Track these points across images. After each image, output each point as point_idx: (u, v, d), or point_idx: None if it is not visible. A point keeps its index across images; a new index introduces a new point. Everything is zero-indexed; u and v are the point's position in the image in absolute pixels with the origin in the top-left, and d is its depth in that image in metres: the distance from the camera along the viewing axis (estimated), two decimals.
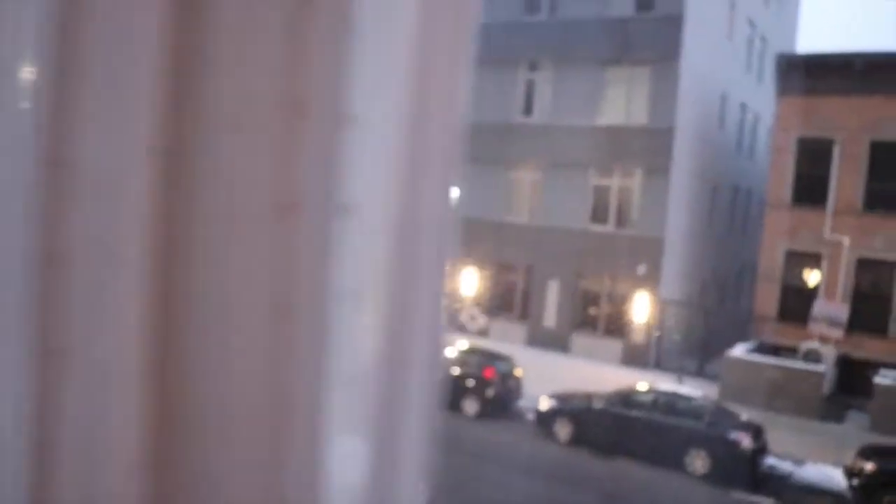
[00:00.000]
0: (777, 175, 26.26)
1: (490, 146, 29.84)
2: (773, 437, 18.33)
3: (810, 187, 25.55)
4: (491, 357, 20.93)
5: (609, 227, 27.90)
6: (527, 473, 16.23)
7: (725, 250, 32.46)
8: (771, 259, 26.27)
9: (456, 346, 21.39)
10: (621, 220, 27.83)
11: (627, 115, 27.68)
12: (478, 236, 30.10)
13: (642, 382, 19.89)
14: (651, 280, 26.72)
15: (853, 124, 24.82)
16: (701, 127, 29.03)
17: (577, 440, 18.14)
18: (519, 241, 29.41)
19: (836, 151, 25.06)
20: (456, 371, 20.24)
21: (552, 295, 28.83)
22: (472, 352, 21.11)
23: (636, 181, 27.46)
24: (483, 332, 29.93)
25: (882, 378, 21.92)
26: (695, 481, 16.62)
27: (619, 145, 27.36)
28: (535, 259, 29.09)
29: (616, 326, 27.73)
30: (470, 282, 30.19)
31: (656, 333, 26.77)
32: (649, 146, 26.85)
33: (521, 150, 29.47)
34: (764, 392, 22.73)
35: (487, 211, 30.00)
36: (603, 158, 27.78)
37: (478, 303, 30.30)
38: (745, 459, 16.71)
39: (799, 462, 18.09)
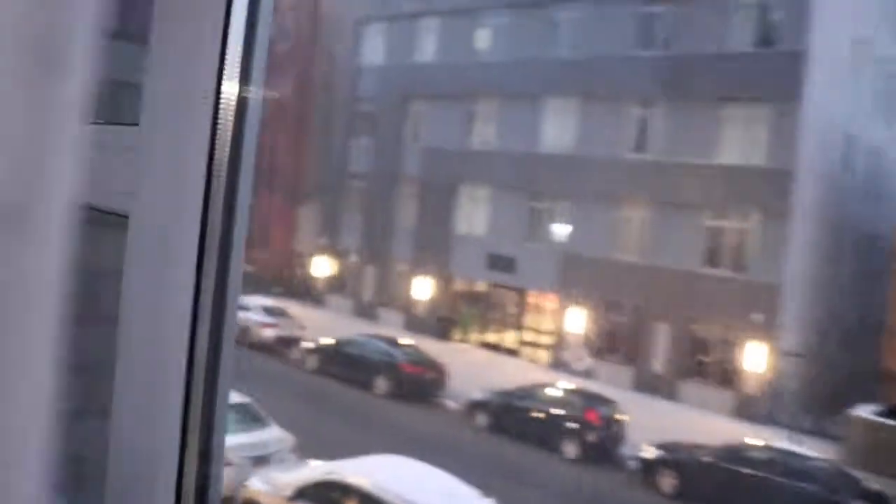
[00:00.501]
0: None
1: (601, 181, 29.20)
2: None
3: None
4: (595, 399, 20.24)
5: (723, 271, 26.70)
6: None
7: (850, 300, 30.59)
8: None
9: (559, 386, 20.79)
10: (736, 264, 26.60)
11: (745, 154, 26.55)
12: (586, 273, 29.39)
13: (754, 438, 18.73)
14: (767, 329, 25.35)
15: None
16: (824, 169, 27.55)
17: (681, 494, 17.20)
18: (627, 281, 28.50)
19: None
20: (558, 411, 19.62)
21: (660, 338, 27.73)
22: (575, 392, 20.46)
23: (753, 224, 26.25)
24: (588, 374, 29.08)
25: None
26: None
27: (736, 186, 26.24)
28: (644, 300, 28.10)
29: (727, 376, 26.39)
30: (576, 320, 29.41)
31: (771, 386, 25.31)
32: (768, 188, 25.63)
33: (631, 187, 28.65)
34: (892, 459, 21.04)
35: (597, 248, 29.29)
36: (718, 199, 26.72)
37: (584, 342, 29.49)
38: None
39: None
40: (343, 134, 38.91)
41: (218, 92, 1.74)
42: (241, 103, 1.79)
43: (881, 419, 22.16)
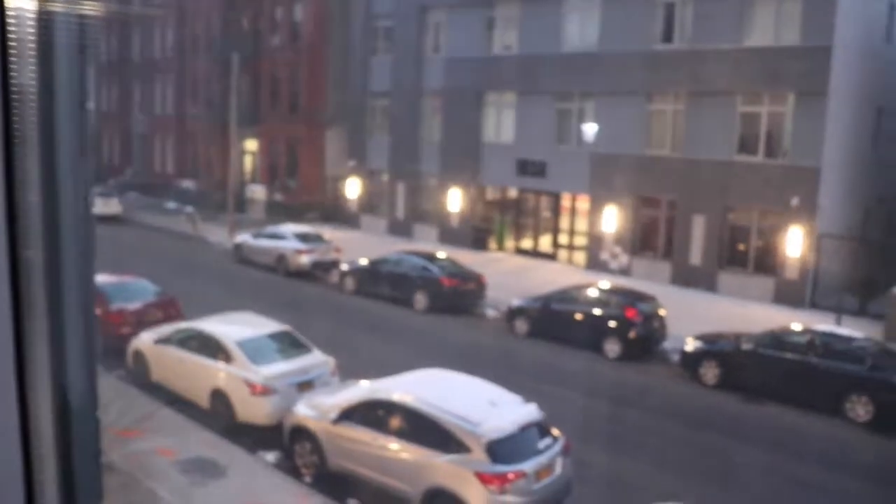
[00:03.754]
0: None
1: (628, 76, 28.55)
2: None
3: None
4: (633, 297, 20.17)
5: (758, 158, 26.16)
6: (672, 418, 15.60)
7: (892, 178, 29.95)
8: None
9: (597, 286, 20.79)
10: (772, 150, 26.02)
11: (777, 34, 25.64)
12: (618, 171, 29.04)
13: (796, 322, 18.66)
14: (806, 212, 24.95)
15: None
16: (864, 42, 26.58)
17: (724, 383, 17.27)
18: (661, 175, 28.14)
19: None
20: (597, 311, 19.69)
21: (697, 231, 27.47)
22: (613, 291, 20.45)
23: (788, 107, 25.52)
24: (625, 271, 29.07)
25: None
26: (856, 429, 15.48)
27: (769, 68, 25.46)
28: (679, 193, 27.76)
29: (767, 263, 26.17)
30: (610, 219, 29.24)
31: (812, 270, 25.07)
32: (803, 68, 24.82)
33: (661, 80, 27.97)
34: None
35: (627, 144, 28.86)
36: (751, 84, 25.98)
37: (619, 241, 29.36)
38: None
39: None
40: (362, 52, 38.35)
41: None
42: None
43: None
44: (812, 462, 13.77)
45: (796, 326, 17.70)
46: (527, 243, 33.11)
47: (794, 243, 24.95)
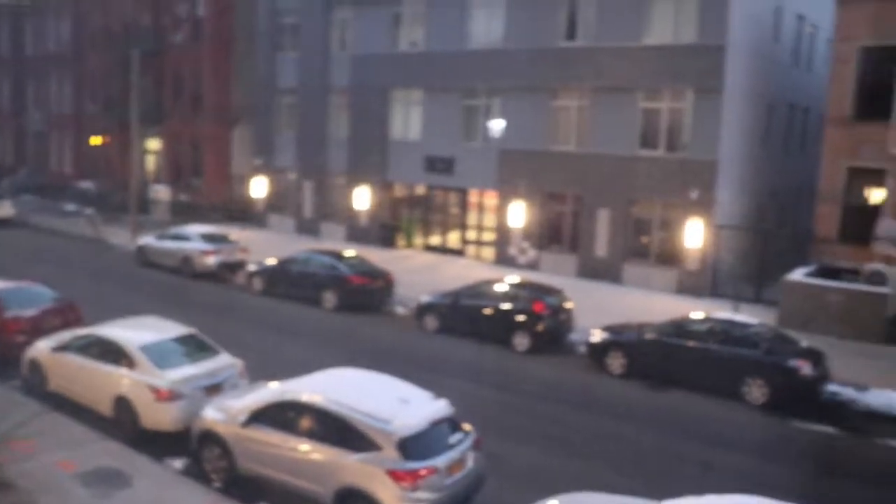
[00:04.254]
0: (837, 88, 24.96)
1: (533, 73, 28.99)
2: (835, 363, 17.68)
3: (874, 100, 24.24)
4: (541, 290, 20.49)
5: (660, 152, 26.93)
6: (581, 408, 15.92)
7: (783, 171, 31.25)
8: (831, 177, 25.14)
9: (505, 281, 21.04)
10: (672, 144, 26.82)
11: (676, 33, 26.43)
12: (525, 167, 29.46)
13: (697, 311, 19.29)
14: (705, 205, 25.83)
15: None
16: (754, 42, 27.65)
17: (630, 372, 17.76)
18: (567, 171, 28.67)
19: None
20: (506, 306, 19.93)
21: (602, 224, 28.11)
22: (521, 286, 20.72)
23: (687, 103, 26.35)
24: (533, 265, 29.52)
25: None
26: (753, 411, 16.13)
27: (668, 65, 26.25)
28: (584, 188, 28.36)
29: (669, 254, 26.99)
30: (518, 214, 29.63)
31: (711, 260, 25.99)
32: (700, 65, 25.67)
33: (565, 76, 28.50)
34: (825, 317, 21.95)
35: (533, 140, 29.31)
36: (651, 80, 26.72)
37: (527, 235, 29.79)
38: (806, 387, 16.14)
39: (862, 388, 17.41)
40: (267, 49, 37.78)
41: None
42: None
43: (812, 280, 23.00)
44: (713, 444, 14.27)
45: (697, 315, 18.29)
46: (435, 240, 33.26)
47: (695, 235, 25.80)
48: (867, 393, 17.21)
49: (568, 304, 20.47)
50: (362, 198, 34.29)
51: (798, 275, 23.31)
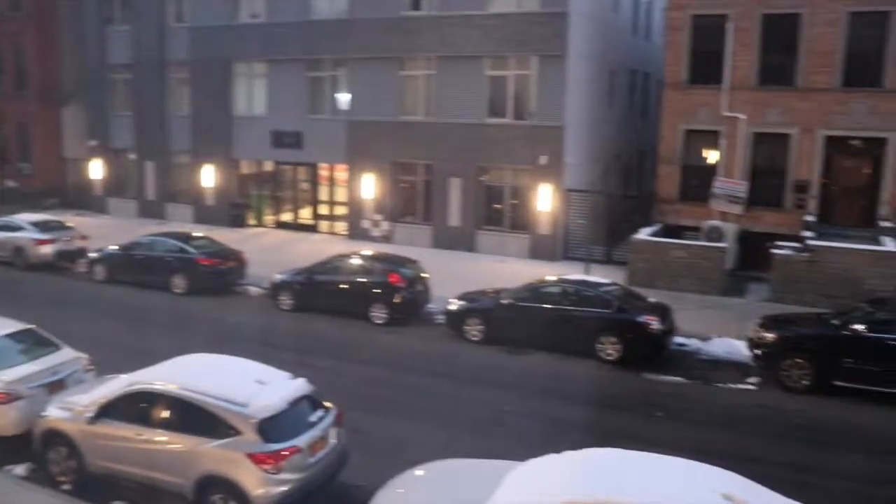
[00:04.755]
0: (673, 55, 25.99)
1: (379, 43, 28.68)
2: (681, 317, 18.54)
3: (706, 65, 25.40)
4: (396, 262, 20.41)
5: (507, 119, 27.30)
6: (442, 377, 15.98)
7: (627, 135, 32.39)
8: (671, 140, 26.24)
9: (359, 254, 20.82)
10: (519, 111, 27.23)
11: (519, 1, 26.76)
12: (374, 138, 29.21)
13: (550, 274, 19.72)
14: (553, 170, 26.43)
15: None
16: (595, 10, 28.37)
17: (489, 338, 17.98)
18: (417, 141, 28.63)
19: (730, 27, 24.85)
20: (361, 279, 19.74)
21: (454, 193, 28.30)
22: (376, 258, 20.56)
23: (532, 69, 26.78)
24: (387, 238, 29.42)
25: (779, 250, 22.36)
26: (608, 366, 16.70)
27: (512, 33, 26.56)
28: (435, 158, 28.42)
29: (521, 220, 27.51)
30: (369, 187, 29.39)
31: (562, 224, 26.68)
32: (543, 32, 26.11)
33: (412, 46, 28.34)
34: (669, 273, 23.00)
35: (382, 111, 29.06)
36: (496, 48, 26.97)
37: (379, 208, 29.62)
38: (655, 341, 16.83)
39: (706, 338, 18.36)
40: (96, 22, 35.61)
41: None
42: None
43: (656, 239, 24.03)
44: (572, 401, 14.66)
45: (550, 278, 18.70)
46: (287, 216, 32.58)
47: (545, 200, 26.37)
48: (710, 342, 18.16)
49: (424, 275, 20.50)
50: (208, 177, 33.10)
51: (644, 234, 24.29)
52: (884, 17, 23.46)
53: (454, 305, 18.64)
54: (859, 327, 15.34)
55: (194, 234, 24.45)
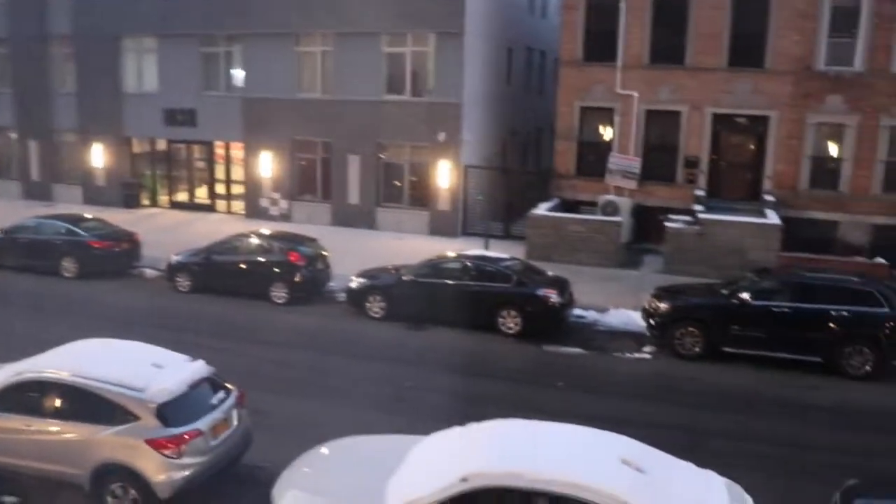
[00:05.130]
0: (569, 33, 26.39)
1: (274, 18, 28.10)
2: (579, 289, 18.97)
3: (601, 44, 25.91)
4: (295, 241, 20.19)
5: (406, 96, 27.22)
6: (344, 354, 15.94)
7: (524, 111, 32.76)
8: (567, 116, 26.70)
9: (258, 233, 20.48)
10: (417, 88, 27.19)
11: None
12: (271, 116, 28.69)
13: (450, 250, 19.85)
14: (452, 146, 26.55)
15: None
16: None
17: (390, 315, 18.03)
18: (315, 118, 28.25)
19: (623, 6, 25.38)
20: (260, 259, 19.45)
21: (353, 171, 28.10)
22: (275, 237, 20.28)
23: (430, 46, 26.74)
24: (286, 216, 29.03)
25: (671, 223, 23.14)
26: (509, 340, 16.99)
27: (410, 9, 26.42)
28: (333, 135, 28.12)
29: (421, 197, 27.57)
30: (267, 165, 28.88)
31: (461, 200, 26.85)
32: (440, 9, 26.07)
33: (308, 21, 27.87)
34: (567, 247, 23.50)
35: (279, 88, 28.52)
36: (394, 24, 26.79)
37: (278, 186, 29.17)
38: (554, 313, 17.20)
39: (603, 310, 18.88)
40: None
41: None
42: None
43: (554, 213, 24.52)
44: (475, 375, 14.87)
45: (450, 254, 18.84)
46: (182, 196, 31.72)
47: (444, 176, 26.49)
48: (607, 314, 18.69)
49: (324, 253, 20.36)
50: (98, 156, 31.88)
51: (541, 210, 24.72)
52: (765, 1, 24.42)
53: (355, 283, 18.59)
54: (745, 296, 16.07)
55: (85, 215, 23.56)
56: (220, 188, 30.88)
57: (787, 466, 11.61)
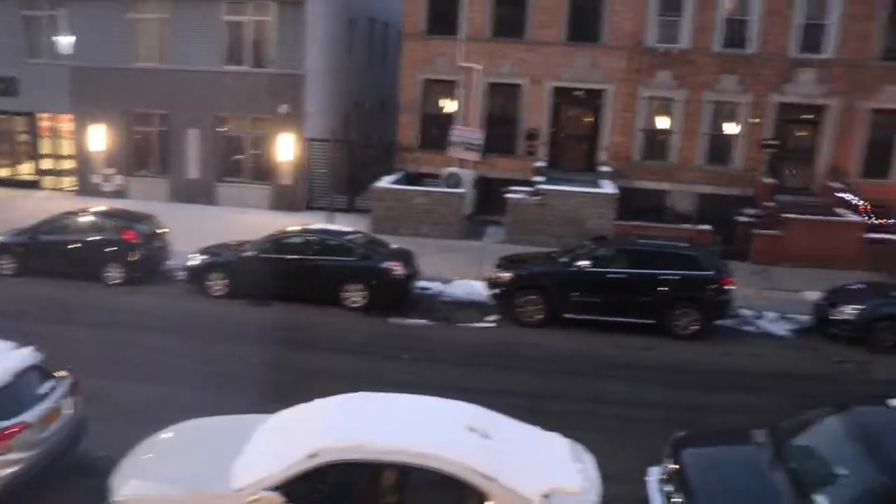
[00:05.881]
0: (411, 5, 26.39)
1: None
2: (423, 261, 19.16)
3: (444, 16, 26.11)
4: (131, 218, 19.31)
5: (246, 67, 26.43)
6: (185, 335, 15.43)
7: (367, 84, 32.55)
8: (410, 89, 26.76)
9: (90, 211, 19.43)
10: (258, 59, 26.46)
11: None
12: (104, 86, 27.17)
13: (293, 225, 19.53)
14: (294, 119, 26.06)
15: None
16: None
17: (233, 292, 17.60)
18: (151, 89, 26.96)
19: None
20: (93, 238, 18.47)
21: (193, 144, 27.09)
22: (108, 215, 19.31)
23: (271, 16, 26.04)
24: (122, 193, 27.70)
25: (512, 194, 23.72)
26: (354, 314, 16.97)
27: None
28: (171, 107, 26.97)
29: (263, 171, 26.95)
30: (99, 138, 27.34)
31: (304, 173, 26.46)
32: None
33: None
34: (412, 219, 23.65)
35: (112, 57, 27.01)
36: None
37: (112, 161, 27.74)
38: (399, 286, 17.33)
39: (447, 281, 19.17)
40: None
41: None
42: None
43: (398, 186, 24.60)
44: (322, 350, 14.79)
45: (293, 228, 18.52)
46: (4, 172, 29.62)
47: (286, 149, 25.96)
48: (452, 285, 19.00)
49: (162, 230, 19.58)
50: None
51: (385, 182, 24.74)
52: None
53: (195, 260, 18.00)
54: (583, 263, 16.72)
55: None
56: (46, 163, 29.02)
57: (624, 424, 12.26)
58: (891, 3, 24.59)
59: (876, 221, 23.26)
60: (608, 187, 23.96)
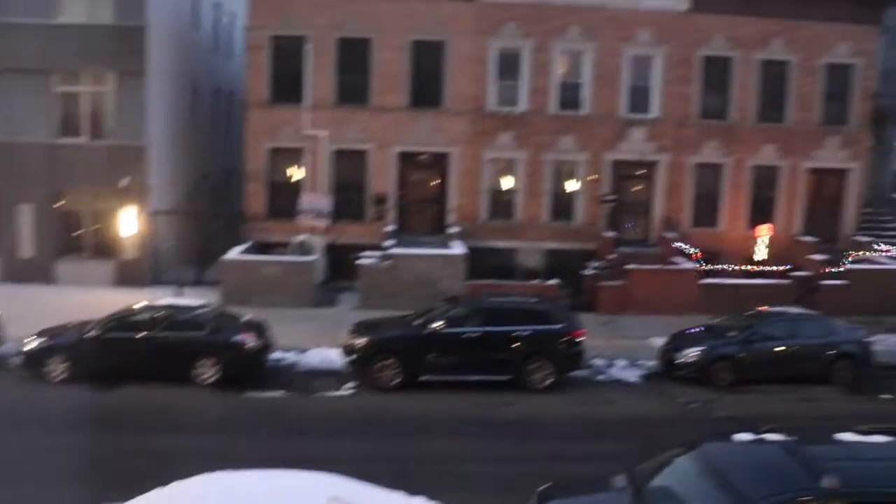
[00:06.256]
0: (255, 74, 26.34)
1: None
2: (277, 331, 18.81)
3: (288, 85, 26.19)
4: None
5: (84, 139, 25.51)
6: (18, 426, 14.37)
7: (214, 154, 32.06)
8: (256, 158, 26.56)
9: None
10: (97, 130, 25.61)
11: (91, 12, 25.11)
12: None
13: (139, 301, 18.78)
14: (138, 191, 25.25)
15: (322, 22, 25.83)
16: (175, 26, 27.67)
17: (75, 376, 16.60)
18: None
19: (309, 49, 25.87)
20: None
21: (26, 221, 25.71)
22: None
23: (110, 86, 25.34)
24: None
25: (364, 260, 23.83)
26: (207, 390, 16.42)
27: (86, 46, 24.86)
28: (0, 182, 25.58)
29: (106, 246, 25.87)
30: None
31: (149, 247, 25.60)
32: (120, 47, 24.80)
33: None
34: (263, 289, 23.24)
35: None
36: (67, 62, 25.08)
37: None
38: (252, 359, 16.96)
39: (302, 350, 18.91)
40: None
41: None
42: None
43: (247, 256, 24.22)
44: (174, 431, 14.17)
45: (138, 305, 17.80)
46: None
47: (130, 223, 25.06)
48: (307, 354, 18.77)
49: None
50: None
51: (234, 253, 24.31)
52: (440, 45, 26.17)
53: (32, 344, 16.95)
54: (437, 325, 16.93)
55: None
56: None
57: (489, 481, 12.36)
58: (703, 68, 26.74)
59: (708, 267, 24.85)
60: (458, 248, 24.46)
